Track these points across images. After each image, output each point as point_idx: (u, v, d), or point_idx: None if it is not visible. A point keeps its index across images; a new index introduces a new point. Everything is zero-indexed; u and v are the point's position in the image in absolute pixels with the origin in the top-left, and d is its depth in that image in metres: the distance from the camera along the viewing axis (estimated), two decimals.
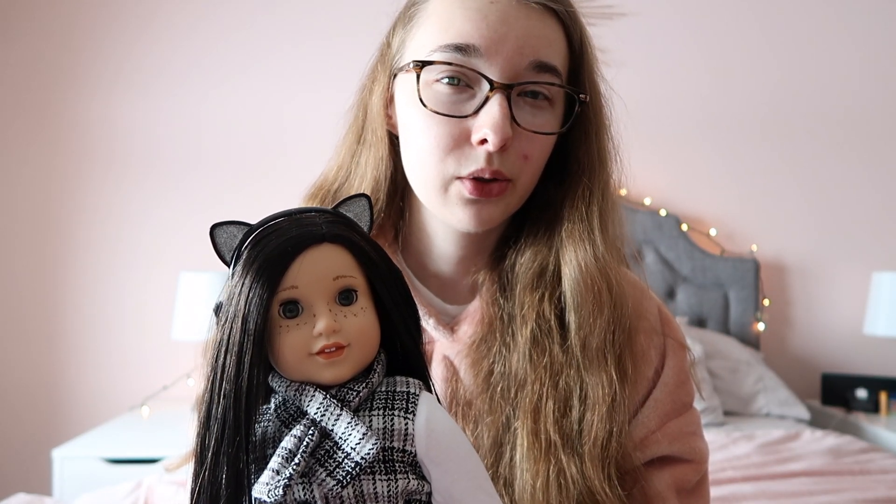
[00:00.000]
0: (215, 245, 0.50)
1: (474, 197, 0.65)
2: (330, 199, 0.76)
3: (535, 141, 0.65)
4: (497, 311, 0.70)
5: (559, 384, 0.66)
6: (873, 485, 1.67)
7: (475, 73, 0.63)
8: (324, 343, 0.47)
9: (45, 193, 2.69)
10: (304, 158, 2.61)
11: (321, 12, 2.74)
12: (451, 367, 0.71)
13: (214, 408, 0.47)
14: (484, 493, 0.50)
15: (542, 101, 0.66)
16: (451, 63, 0.63)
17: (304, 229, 0.49)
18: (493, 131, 0.62)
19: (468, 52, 0.63)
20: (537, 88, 0.65)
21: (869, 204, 2.80)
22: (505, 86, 0.63)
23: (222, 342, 0.48)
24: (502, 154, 0.64)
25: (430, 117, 0.65)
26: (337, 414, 0.47)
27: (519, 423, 0.65)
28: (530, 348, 0.66)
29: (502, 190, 0.65)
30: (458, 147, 0.64)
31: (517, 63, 0.63)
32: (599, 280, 0.67)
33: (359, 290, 0.50)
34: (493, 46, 0.63)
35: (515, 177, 0.66)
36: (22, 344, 2.66)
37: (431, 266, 0.75)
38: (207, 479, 0.46)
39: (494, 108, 0.62)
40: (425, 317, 0.73)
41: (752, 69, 2.81)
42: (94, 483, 1.99)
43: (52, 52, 2.70)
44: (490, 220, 0.67)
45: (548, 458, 0.63)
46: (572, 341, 0.66)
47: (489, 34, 0.63)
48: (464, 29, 0.63)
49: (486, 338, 0.70)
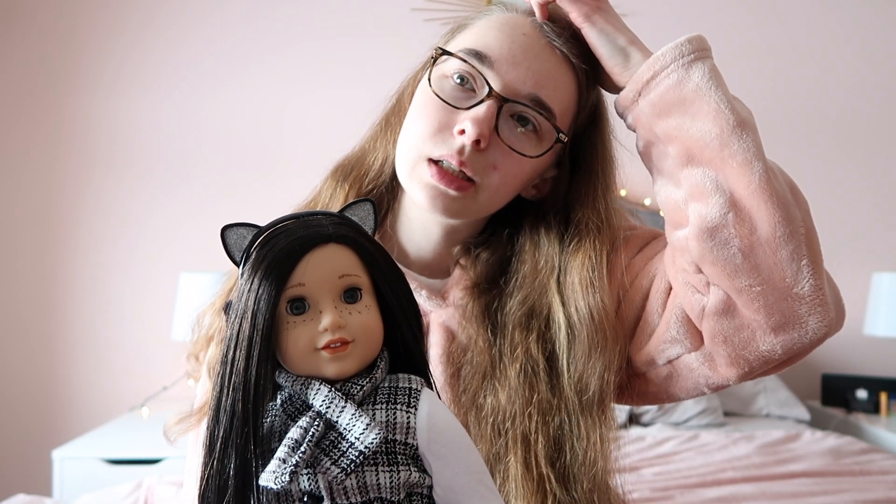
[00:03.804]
0: (226, 245, 0.52)
1: (433, 181, 0.70)
2: (349, 175, 0.82)
3: (509, 157, 0.70)
4: (489, 348, 0.74)
5: (550, 425, 0.69)
6: (873, 486, 1.67)
7: (482, 77, 0.70)
8: (329, 338, 0.49)
9: (45, 194, 2.69)
10: (305, 159, 2.61)
11: (321, 13, 2.75)
12: (448, 331, 0.77)
13: (224, 400, 0.49)
14: (484, 487, 0.52)
15: (530, 132, 0.72)
16: (465, 61, 0.71)
17: (311, 230, 0.51)
18: (472, 123, 0.68)
19: (483, 60, 0.71)
20: (527, 113, 0.71)
21: (869, 204, 2.80)
22: (501, 97, 0.69)
23: (232, 338, 0.50)
24: (475, 152, 0.69)
25: (430, 101, 0.72)
26: (341, 406, 0.49)
27: (511, 455, 0.69)
28: (520, 385, 0.70)
29: (462, 187, 0.70)
30: (441, 132, 0.70)
31: (520, 87, 0.70)
32: (592, 328, 0.71)
33: (363, 288, 0.52)
34: (506, 65, 0.70)
35: (479, 181, 0.71)
36: (22, 344, 2.67)
37: (412, 251, 0.81)
38: (216, 469, 0.49)
39: (483, 109, 0.69)
40: (417, 290, 0.78)
41: (751, 69, 2.82)
42: (94, 484, 1.99)
43: (53, 53, 2.71)
44: (445, 210, 0.72)
45: (542, 490, 0.67)
46: (564, 384, 0.71)
47: (508, 56, 0.71)
48: (490, 43, 0.72)
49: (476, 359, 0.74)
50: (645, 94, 0.67)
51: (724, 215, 0.63)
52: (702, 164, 0.65)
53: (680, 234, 0.68)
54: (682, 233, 0.67)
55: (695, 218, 0.65)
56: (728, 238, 0.63)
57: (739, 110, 0.65)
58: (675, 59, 0.65)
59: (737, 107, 0.65)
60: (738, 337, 0.67)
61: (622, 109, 0.71)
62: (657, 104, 0.66)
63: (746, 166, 0.62)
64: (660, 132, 0.67)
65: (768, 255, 0.63)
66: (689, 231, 0.66)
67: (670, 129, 0.66)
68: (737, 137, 0.63)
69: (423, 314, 0.76)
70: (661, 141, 0.68)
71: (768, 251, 0.63)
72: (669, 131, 0.66)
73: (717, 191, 0.63)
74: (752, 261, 0.63)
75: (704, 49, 0.66)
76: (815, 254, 0.65)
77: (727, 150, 0.63)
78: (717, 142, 0.63)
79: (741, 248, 0.63)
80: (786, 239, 0.62)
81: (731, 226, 0.63)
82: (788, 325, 0.65)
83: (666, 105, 0.65)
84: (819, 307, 0.64)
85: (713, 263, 0.64)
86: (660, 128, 0.67)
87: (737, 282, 0.64)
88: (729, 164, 0.63)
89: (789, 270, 0.63)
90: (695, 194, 0.65)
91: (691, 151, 0.65)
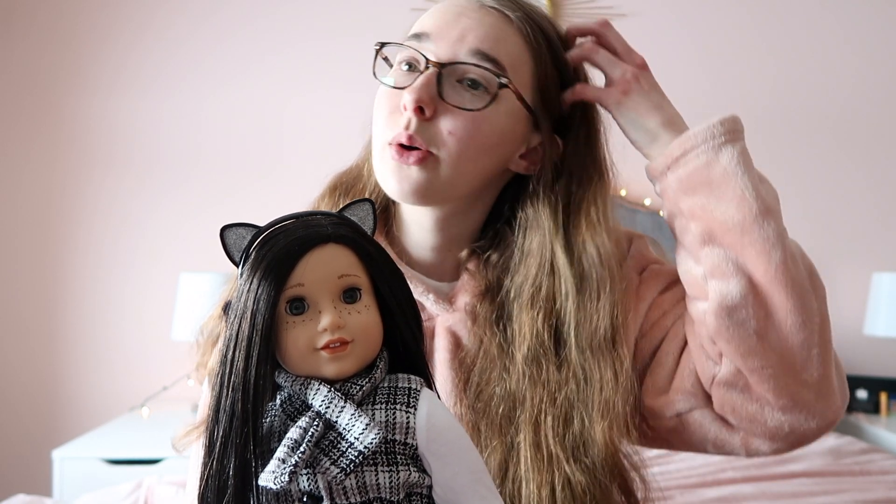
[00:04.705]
0: (225, 246, 0.52)
1: (394, 161, 0.69)
2: (349, 193, 0.82)
3: (460, 118, 0.69)
4: (500, 348, 0.73)
5: (557, 400, 0.69)
6: (873, 486, 1.67)
7: (420, 53, 0.70)
8: (328, 338, 0.49)
9: (45, 194, 2.69)
10: (305, 159, 2.62)
11: (321, 13, 2.75)
12: (453, 336, 0.76)
13: (223, 400, 0.49)
14: (483, 487, 0.52)
15: (482, 92, 0.70)
16: (403, 45, 0.72)
17: (310, 230, 0.51)
18: (409, 93, 0.68)
19: (421, 38, 0.71)
20: (472, 73, 0.69)
21: (869, 204, 2.80)
22: (439, 64, 0.69)
23: (231, 338, 0.50)
24: (422, 122, 0.68)
25: (381, 92, 0.73)
26: (341, 406, 0.49)
27: (521, 437, 0.68)
28: (527, 367, 0.70)
29: (421, 159, 0.69)
30: (392, 115, 0.71)
31: (458, 48, 0.70)
32: (600, 269, 0.71)
33: (362, 288, 0.52)
34: (441, 33, 0.70)
35: (437, 151, 0.69)
36: (22, 344, 2.67)
37: (414, 253, 0.80)
38: (215, 469, 0.49)
39: (420, 79, 0.68)
40: (424, 294, 0.76)
41: (752, 70, 2.82)
42: (95, 483, 1.99)
43: (53, 53, 2.70)
44: (414, 189, 0.70)
45: (551, 469, 0.67)
46: (572, 352, 0.70)
47: (441, 23, 0.71)
48: (425, 21, 0.73)
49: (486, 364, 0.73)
50: (674, 170, 0.68)
51: (743, 297, 0.65)
52: (723, 245, 0.66)
53: (699, 306, 0.70)
54: (702, 306, 0.69)
55: (714, 294, 0.67)
56: (745, 319, 0.65)
57: (765, 196, 0.66)
58: (706, 141, 0.66)
59: (762, 192, 0.66)
60: (746, 410, 0.69)
61: (651, 178, 0.72)
62: (684, 181, 0.67)
63: (765, 255, 0.64)
64: (684, 208, 0.68)
65: (781, 341, 0.65)
66: (707, 306, 0.68)
67: (695, 208, 0.67)
68: (758, 226, 0.64)
69: (429, 318, 0.76)
70: (684, 216, 0.69)
71: (781, 337, 0.65)
72: (694, 209, 0.67)
73: (738, 272, 0.65)
74: (766, 343, 0.65)
75: (736, 131, 0.67)
76: (825, 342, 0.67)
77: (748, 237, 0.64)
78: (739, 228, 0.65)
79: (756, 329, 0.65)
80: (799, 327, 0.65)
81: (749, 307, 0.65)
82: (796, 407, 0.67)
83: (693, 184, 0.67)
84: (825, 396, 0.67)
85: (728, 341, 0.66)
86: (685, 204, 0.68)
87: (749, 361, 0.66)
88: (749, 250, 0.65)
89: (799, 357, 0.65)
90: (715, 273, 0.67)
91: (713, 232, 0.66)
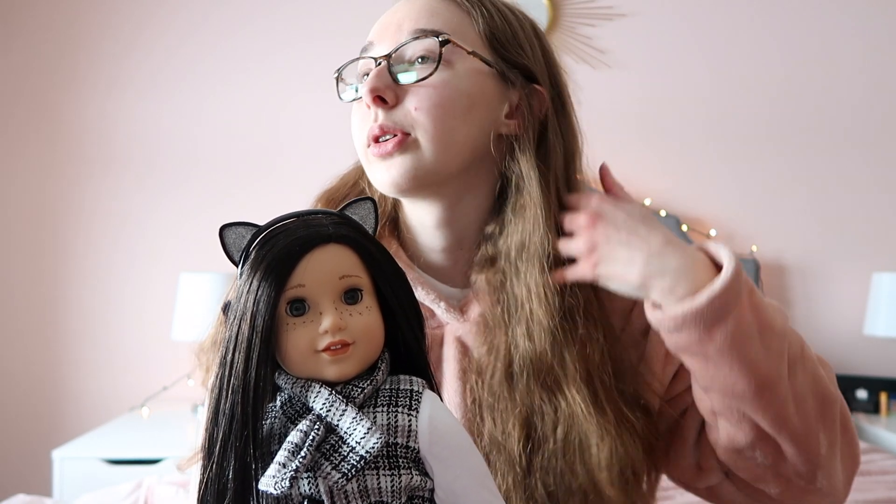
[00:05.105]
0: (224, 245, 0.52)
1: (377, 156, 0.70)
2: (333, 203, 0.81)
3: (422, 90, 0.69)
4: (502, 302, 0.71)
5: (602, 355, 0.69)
6: (873, 485, 1.67)
7: (368, 58, 0.72)
8: (329, 340, 0.49)
9: (45, 194, 2.69)
10: (304, 159, 2.62)
11: (321, 13, 2.75)
12: (462, 346, 0.74)
13: (223, 403, 0.49)
14: (486, 490, 0.51)
15: (430, 61, 0.70)
16: (354, 59, 0.74)
17: (311, 230, 0.50)
18: (364, 91, 0.69)
19: (368, 48, 0.74)
20: (409, 47, 0.70)
21: (869, 204, 2.80)
22: (385, 56, 0.71)
23: (231, 339, 0.49)
24: (386, 112, 0.70)
25: (352, 108, 0.76)
26: (342, 409, 0.48)
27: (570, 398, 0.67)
28: (557, 323, 0.68)
29: (399, 142, 0.69)
30: (362, 120, 0.72)
31: (398, 38, 0.71)
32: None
33: (364, 289, 0.51)
34: (381, 34, 0.73)
35: (413, 130, 0.69)
36: (22, 344, 2.66)
37: (423, 257, 0.78)
38: (215, 472, 0.48)
39: (371, 74, 0.70)
40: (436, 301, 0.75)
41: (753, 70, 2.82)
42: (95, 483, 1.99)
43: (52, 53, 2.70)
44: (403, 173, 0.69)
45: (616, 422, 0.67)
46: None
47: (380, 27, 0.74)
48: (369, 34, 0.75)
49: (494, 331, 0.71)
50: (668, 331, 0.62)
51: (751, 443, 0.66)
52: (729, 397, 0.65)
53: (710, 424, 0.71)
54: (713, 434, 0.70)
55: (724, 433, 0.68)
56: (754, 456, 0.68)
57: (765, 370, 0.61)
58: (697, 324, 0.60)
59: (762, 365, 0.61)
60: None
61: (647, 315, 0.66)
62: (679, 346, 0.63)
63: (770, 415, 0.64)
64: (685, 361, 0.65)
65: (790, 468, 0.68)
66: (718, 437, 0.69)
67: (692, 365, 0.64)
68: (756, 398, 0.62)
69: (439, 325, 0.75)
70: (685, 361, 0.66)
71: (791, 469, 0.68)
72: (694, 368, 0.64)
73: (744, 420, 0.65)
74: (776, 471, 0.68)
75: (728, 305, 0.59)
76: (832, 465, 0.69)
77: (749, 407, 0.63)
78: (741, 396, 0.62)
79: (766, 463, 0.68)
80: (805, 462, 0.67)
81: (758, 450, 0.67)
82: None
83: (688, 349, 0.63)
84: (829, 493, 0.70)
85: (737, 470, 0.70)
86: (686, 359, 0.65)
87: (759, 483, 0.70)
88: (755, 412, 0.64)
89: (807, 476, 0.68)
90: (723, 413, 0.66)
91: (709, 388, 0.65)
